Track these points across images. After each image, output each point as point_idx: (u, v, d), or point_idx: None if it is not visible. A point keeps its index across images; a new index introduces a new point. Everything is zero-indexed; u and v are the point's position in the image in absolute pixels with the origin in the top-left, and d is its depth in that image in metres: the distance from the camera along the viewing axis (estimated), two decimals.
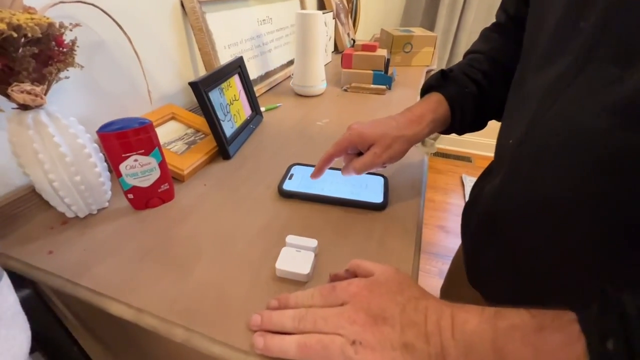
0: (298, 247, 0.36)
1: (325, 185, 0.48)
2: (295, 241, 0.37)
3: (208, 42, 0.68)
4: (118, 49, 0.52)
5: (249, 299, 0.33)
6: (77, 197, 0.41)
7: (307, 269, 0.34)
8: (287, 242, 0.37)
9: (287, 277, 0.35)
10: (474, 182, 0.49)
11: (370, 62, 0.91)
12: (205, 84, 0.54)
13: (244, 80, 0.68)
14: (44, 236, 0.40)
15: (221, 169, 0.54)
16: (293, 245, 0.37)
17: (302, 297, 0.29)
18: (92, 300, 0.33)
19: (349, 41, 1.40)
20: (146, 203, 0.45)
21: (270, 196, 0.48)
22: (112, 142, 0.39)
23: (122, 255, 0.37)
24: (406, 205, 0.47)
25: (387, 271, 0.30)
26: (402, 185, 0.50)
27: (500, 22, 0.47)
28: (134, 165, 0.41)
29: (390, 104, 0.84)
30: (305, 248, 0.36)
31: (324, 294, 0.28)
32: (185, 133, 0.59)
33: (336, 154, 0.44)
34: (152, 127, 0.41)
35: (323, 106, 0.82)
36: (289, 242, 0.37)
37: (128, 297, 0.33)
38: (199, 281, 0.34)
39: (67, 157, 0.38)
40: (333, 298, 0.28)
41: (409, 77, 1.06)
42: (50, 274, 0.35)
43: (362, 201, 0.45)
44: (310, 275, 0.34)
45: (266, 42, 0.89)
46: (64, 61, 0.36)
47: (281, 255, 0.35)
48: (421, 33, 1.16)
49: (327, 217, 0.44)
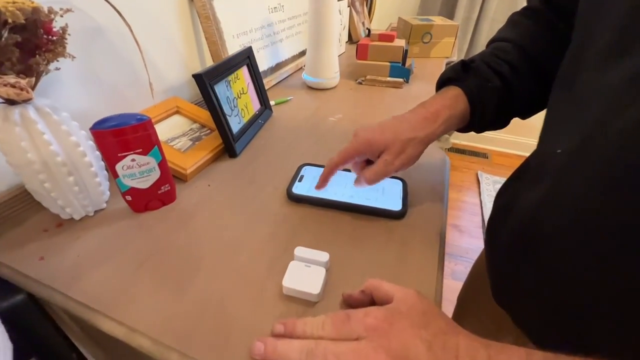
0: (307, 262, 0.33)
1: (337, 189, 0.44)
2: (305, 254, 0.33)
3: (215, 31, 0.64)
4: (118, 37, 0.49)
5: (252, 320, 0.29)
6: (71, 199, 0.38)
7: (317, 289, 0.30)
8: (296, 255, 0.33)
9: (295, 296, 0.31)
10: (499, 188, 0.44)
11: (387, 53, 0.86)
12: (211, 76, 0.50)
13: (252, 72, 0.64)
14: (36, 240, 0.38)
15: (227, 167, 0.51)
16: (302, 259, 0.33)
17: (312, 325, 0.26)
18: (82, 314, 0.31)
19: (364, 31, 1.33)
20: (146, 205, 0.42)
21: (278, 199, 0.44)
22: (107, 140, 0.35)
23: (117, 264, 0.35)
24: (427, 212, 0.42)
25: (409, 297, 0.26)
26: (421, 189, 0.46)
27: (534, 7, 0.41)
28: (131, 166, 0.38)
29: (408, 98, 0.78)
30: (315, 262, 0.33)
31: (337, 324, 0.25)
32: (190, 128, 0.56)
33: (342, 164, 0.40)
34: (151, 124, 0.38)
35: (336, 100, 0.78)
36: (298, 255, 0.33)
37: (120, 313, 0.30)
38: (198, 296, 0.31)
39: (59, 157, 0.35)
40: (347, 330, 0.24)
41: (428, 70, 1.00)
42: (39, 283, 0.33)
43: (378, 208, 0.41)
44: (321, 295, 0.31)
45: (277, 31, 0.85)
46: (53, 51, 0.33)
47: (289, 270, 0.32)
48: (442, 22, 1.09)
49: (340, 226, 0.40)
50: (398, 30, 1.18)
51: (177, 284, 0.32)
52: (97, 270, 0.34)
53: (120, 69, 0.51)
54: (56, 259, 0.35)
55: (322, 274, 0.31)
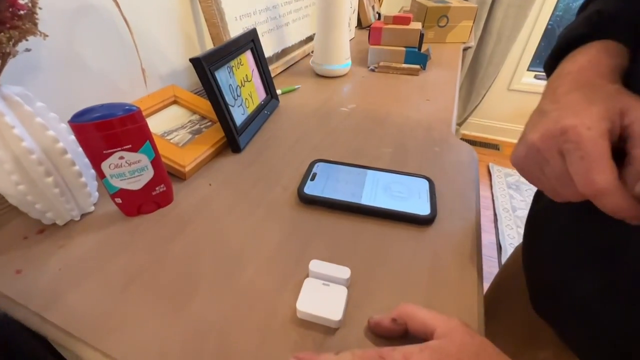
0: (325, 279, 0.28)
1: (355, 189, 0.39)
2: (322, 269, 0.28)
3: (216, 12, 0.58)
4: (106, 16, 0.43)
5: (261, 353, 0.24)
6: (52, 202, 0.33)
7: (339, 314, 0.25)
8: (311, 270, 0.28)
9: (311, 321, 0.26)
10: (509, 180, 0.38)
11: (403, 37, 0.79)
12: (211, 60, 0.44)
13: (257, 57, 0.58)
14: (14, 249, 0.33)
15: (230, 164, 0.46)
16: (319, 275, 0.28)
17: None
18: (61, 341, 0.26)
19: (374, 15, 1.26)
20: (138, 208, 0.37)
21: (288, 201, 0.39)
22: (90, 135, 0.30)
23: (103, 280, 0.30)
24: (459, 217, 0.37)
25: (456, 333, 0.21)
26: (448, 189, 0.41)
27: None
28: (119, 164, 0.33)
29: (426, 86, 0.72)
30: (334, 280, 0.28)
31: None
32: (189, 120, 0.51)
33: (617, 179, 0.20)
34: (142, 115, 0.32)
35: (347, 89, 0.71)
36: (314, 270, 0.28)
37: (104, 342, 0.25)
38: (196, 322, 0.26)
39: (34, 154, 0.30)
40: None
41: (445, 56, 0.93)
42: (13, 302, 0.28)
43: (403, 212, 0.35)
44: (342, 321, 0.26)
45: (283, 13, 0.78)
46: (20, 27, 0.27)
47: (303, 290, 0.27)
48: (459, 4, 1.01)
49: (360, 233, 0.35)
50: (412, 13, 1.10)
51: (172, 306, 0.27)
52: (80, 287, 0.29)
53: (110, 53, 0.45)
54: (35, 273, 0.30)
55: (344, 295, 0.26)
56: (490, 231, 1.57)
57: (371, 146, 0.49)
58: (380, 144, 0.50)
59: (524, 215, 1.59)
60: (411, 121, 0.56)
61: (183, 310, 0.27)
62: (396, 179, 0.40)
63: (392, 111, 0.60)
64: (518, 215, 1.60)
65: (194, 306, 0.27)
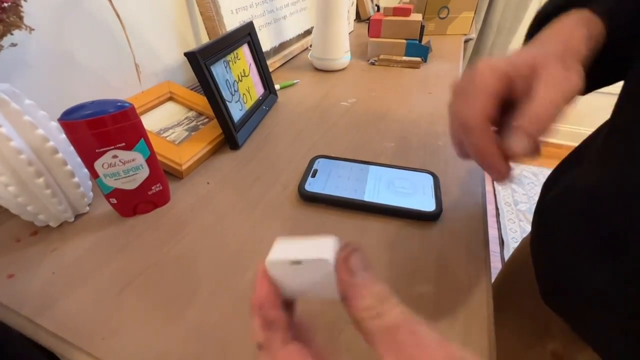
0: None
1: (358, 186, 0.37)
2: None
3: (212, 5, 0.56)
4: (98, 9, 0.41)
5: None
6: (44, 204, 0.32)
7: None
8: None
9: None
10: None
11: (403, 29, 0.77)
12: (206, 54, 0.43)
13: (254, 51, 0.56)
14: (6, 252, 0.32)
15: (228, 161, 0.45)
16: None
17: None
18: (55, 348, 0.25)
19: (373, 8, 1.23)
20: (134, 209, 0.36)
21: (289, 199, 0.38)
22: (81, 133, 0.29)
23: (98, 283, 0.29)
24: (465, 212, 0.36)
25: None
26: (454, 184, 0.39)
27: None
28: (113, 163, 0.31)
29: (427, 79, 0.70)
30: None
31: None
32: (185, 117, 0.49)
33: (486, 119, 0.21)
34: (135, 112, 0.31)
35: (347, 83, 0.70)
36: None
37: (100, 348, 0.24)
38: (194, 329, 0.25)
39: (23, 154, 0.28)
40: None
41: (445, 48, 0.91)
42: (5, 307, 0.27)
43: (408, 209, 0.34)
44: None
45: (280, 6, 0.76)
46: (5, 21, 0.26)
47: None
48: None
49: (364, 230, 0.34)
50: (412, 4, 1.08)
51: (170, 311, 0.26)
52: (74, 291, 0.28)
53: (102, 48, 0.44)
54: (27, 277, 0.29)
55: None
56: (492, 225, 1.56)
57: (373, 141, 0.48)
58: (382, 139, 0.48)
59: (525, 209, 1.58)
60: (413, 115, 0.55)
61: (181, 314, 0.26)
62: (399, 175, 0.39)
63: (394, 105, 0.58)
64: (520, 209, 1.59)
65: (193, 310, 0.26)
